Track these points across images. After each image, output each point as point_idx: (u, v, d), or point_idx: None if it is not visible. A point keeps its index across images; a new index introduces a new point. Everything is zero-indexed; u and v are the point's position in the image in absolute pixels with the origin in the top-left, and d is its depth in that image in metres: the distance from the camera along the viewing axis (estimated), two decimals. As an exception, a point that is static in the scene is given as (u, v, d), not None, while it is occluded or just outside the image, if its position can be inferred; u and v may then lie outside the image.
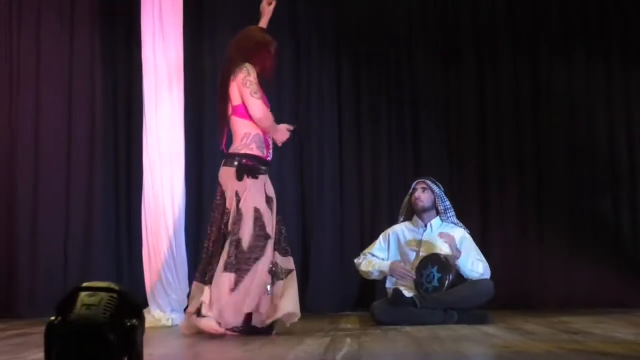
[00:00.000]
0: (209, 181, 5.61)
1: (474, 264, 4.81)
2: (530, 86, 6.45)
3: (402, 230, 5.04)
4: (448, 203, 5.00)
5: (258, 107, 4.13)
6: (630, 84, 6.42)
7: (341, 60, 6.44)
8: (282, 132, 4.28)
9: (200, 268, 4.25)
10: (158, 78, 5.14)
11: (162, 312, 4.96)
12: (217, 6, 6.27)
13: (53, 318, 2.08)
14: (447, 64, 6.46)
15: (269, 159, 4.28)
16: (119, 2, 6.23)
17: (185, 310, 5.04)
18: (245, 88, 4.13)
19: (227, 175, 4.18)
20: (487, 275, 4.84)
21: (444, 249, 4.83)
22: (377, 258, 4.97)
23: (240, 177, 4.11)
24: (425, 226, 4.99)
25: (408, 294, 4.75)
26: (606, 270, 6.12)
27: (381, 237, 5.08)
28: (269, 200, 4.19)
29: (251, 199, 4.11)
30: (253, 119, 4.16)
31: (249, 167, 4.14)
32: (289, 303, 4.11)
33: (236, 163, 4.15)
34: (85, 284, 2.14)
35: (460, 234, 4.95)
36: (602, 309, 5.62)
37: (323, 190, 6.28)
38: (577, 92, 6.43)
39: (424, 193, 4.97)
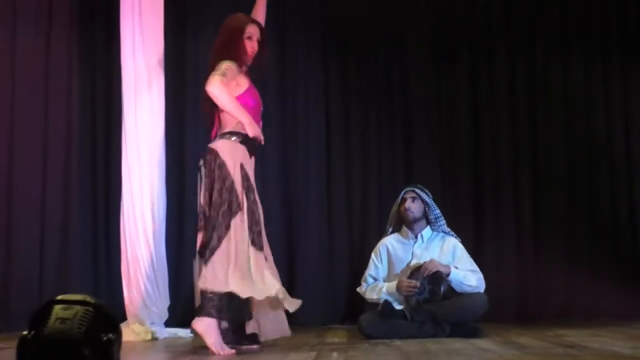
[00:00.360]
0: (191, 188, 5.48)
1: (466, 277, 4.68)
2: (526, 89, 6.39)
3: (390, 242, 4.89)
4: (438, 211, 4.88)
5: (214, 82, 3.91)
6: (629, 84, 6.38)
7: (328, 63, 6.34)
8: (254, 127, 4.01)
9: None
10: (137, 80, 5.04)
11: (141, 325, 4.84)
12: (200, 5, 6.18)
13: (26, 332, 2.07)
14: (439, 65, 6.37)
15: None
16: (97, 2, 6.12)
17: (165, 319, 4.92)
18: (213, 71, 3.97)
19: (229, 147, 3.95)
20: (481, 287, 4.71)
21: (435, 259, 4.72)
22: (380, 280, 4.83)
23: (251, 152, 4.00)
24: (416, 237, 4.86)
25: (398, 306, 4.64)
26: (605, 281, 6.06)
27: (373, 255, 4.91)
28: None
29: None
30: (208, 93, 3.94)
31: (249, 145, 4.00)
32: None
33: (237, 138, 3.97)
34: (59, 297, 2.13)
35: (451, 242, 4.84)
36: (600, 321, 5.56)
37: (309, 198, 6.18)
38: (574, 93, 6.37)
39: (414, 203, 4.83)
